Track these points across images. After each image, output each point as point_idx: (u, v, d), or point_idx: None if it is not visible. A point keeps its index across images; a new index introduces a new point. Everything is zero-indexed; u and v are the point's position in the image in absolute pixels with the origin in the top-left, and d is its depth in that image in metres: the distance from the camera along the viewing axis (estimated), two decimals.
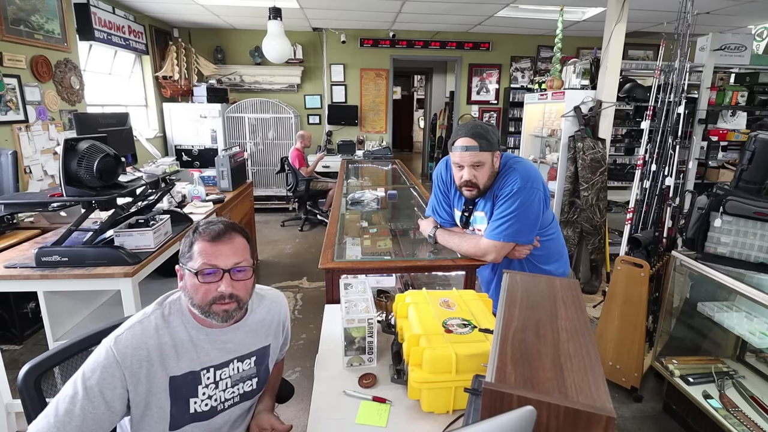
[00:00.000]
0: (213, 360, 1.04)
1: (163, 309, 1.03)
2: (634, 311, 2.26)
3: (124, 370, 0.92)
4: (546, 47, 6.61)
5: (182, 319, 1.03)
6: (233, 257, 1.00)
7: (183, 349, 1.00)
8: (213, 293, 0.98)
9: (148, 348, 0.96)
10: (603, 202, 3.40)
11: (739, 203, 1.92)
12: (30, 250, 1.96)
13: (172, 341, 1.00)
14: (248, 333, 1.11)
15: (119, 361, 0.92)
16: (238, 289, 1.01)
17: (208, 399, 1.03)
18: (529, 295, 0.91)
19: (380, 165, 5.21)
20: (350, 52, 6.39)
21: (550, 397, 0.61)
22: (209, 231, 1.00)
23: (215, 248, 0.98)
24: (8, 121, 3.05)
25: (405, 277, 1.98)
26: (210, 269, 0.98)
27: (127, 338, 0.95)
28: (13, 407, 1.95)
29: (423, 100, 11.14)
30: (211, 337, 1.04)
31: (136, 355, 0.94)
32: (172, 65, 5.61)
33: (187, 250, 1.01)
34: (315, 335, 2.82)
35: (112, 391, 0.91)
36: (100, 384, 0.90)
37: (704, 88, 3.62)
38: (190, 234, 1.02)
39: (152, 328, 0.99)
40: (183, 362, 1.00)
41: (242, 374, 1.09)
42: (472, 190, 1.55)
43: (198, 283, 0.97)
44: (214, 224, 1.02)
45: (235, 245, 1.01)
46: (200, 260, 0.98)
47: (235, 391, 1.08)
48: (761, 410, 1.90)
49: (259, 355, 1.13)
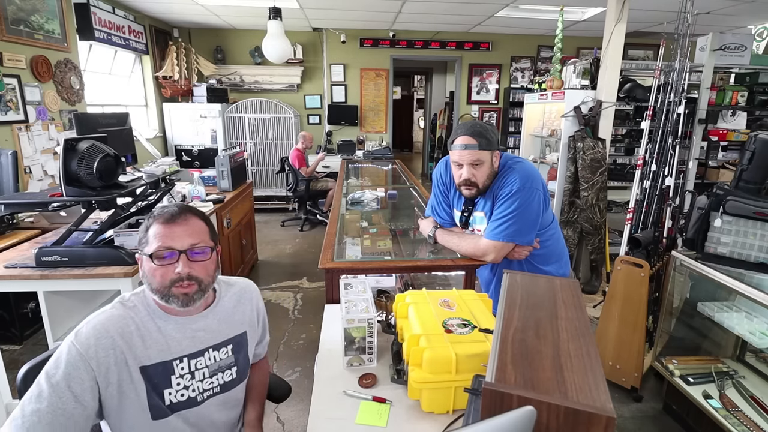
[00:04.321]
0: (185, 349, 1.02)
1: (125, 302, 1.02)
2: (634, 311, 2.26)
3: (90, 361, 0.90)
4: (546, 47, 6.61)
5: (147, 310, 1.01)
6: (189, 238, 0.99)
7: (151, 339, 0.99)
8: (171, 275, 0.97)
9: (111, 336, 0.94)
10: (603, 202, 3.40)
11: (739, 203, 1.92)
12: (30, 250, 1.96)
13: (137, 330, 0.98)
14: (221, 321, 1.10)
15: (83, 353, 0.90)
16: (198, 271, 1.00)
17: (184, 389, 1.02)
18: (529, 295, 0.91)
19: (380, 165, 5.21)
20: (350, 52, 6.39)
21: (550, 397, 0.61)
22: (163, 214, 1.00)
23: (170, 230, 0.98)
24: (8, 121, 3.05)
25: (405, 277, 1.98)
26: (167, 252, 0.97)
27: (88, 330, 0.93)
28: (13, 407, 1.95)
29: (423, 100, 11.13)
30: (181, 325, 1.03)
31: (100, 345, 0.92)
32: (172, 65, 5.61)
33: (144, 236, 1.00)
34: (315, 335, 2.82)
35: (80, 385, 0.88)
36: (67, 379, 0.87)
37: (704, 88, 3.63)
38: (146, 220, 1.02)
39: (115, 317, 0.97)
40: (152, 352, 0.98)
41: (220, 363, 1.08)
42: (471, 188, 1.55)
43: (154, 266, 0.97)
44: (169, 207, 1.02)
45: (191, 226, 1.01)
46: (156, 243, 0.97)
47: (214, 381, 1.07)
48: (761, 410, 1.90)
49: (235, 343, 1.11)
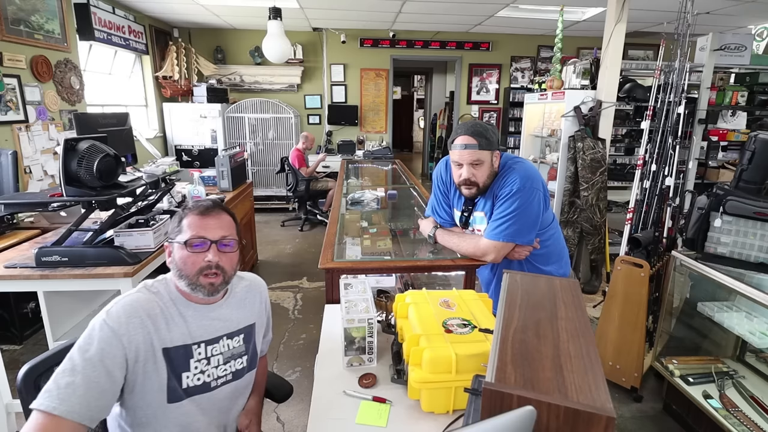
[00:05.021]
0: (203, 335, 1.07)
1: (149, 288, 1.07)
2: (634, 311, 2.26)
3: (122, 337, 0.94)
4: (546, 47, 6.61)
5: (170, 296, 1.07)
6: (220, 230, 1.06)
7: (173, 323, 1.03)
8: (201, 263, 1.03)
9: (140, 316, 0.99)
10: (603, 202, 3.40)
11: (739, 203, 1.92)
12: (30, 250, 1.96)
13: (162, 313, 1.03)
14: (233, 311, 1.15)
15: (115, 329, 0.94)
16: (225, 262, 1.06)
17: (200, 374, 1.06)
18: (529, 295, 0.91)
19: (380, 165, 5.21)
20: (350, 52, 6.39)
21: (550, 397, 0.61)
22: (198, 207, 1.08)
23: (204, 221, 1.05)
24: (8, 121, 3.05)
25: (405, 277, 1.98)
26: (199, 241, 1.04)
27: (118, 309, 0.97)
28: (13, 407, 1.95)
29: (423, 100, 11.13)
30: (201, 313, 1.08)
31: (131, 323, 0.97)
32: (172, 65, 5.61)
33: (177, 225, 1.07)
34: (315, 335, 2.82)
35: (113, 360, 0.92)
36: (100, 354, 0.91)
37: (704, 88, 3.62)
38: (180, 212, 1.09)
39: (142, 299, 1.02)
40: (174, 335, 1.03)
41: (233, 351, 1.13)
42: (471, 188, 1.54)
43: (187, 253, 1.03)
44: (203, 201, 1.12)
45: (222, 220, 1.08)
46: (189, 232, 1.04)
47: (227, 368, 1.11)
48: (761, 410, 1.90)
49: (246, 332, 1.17)
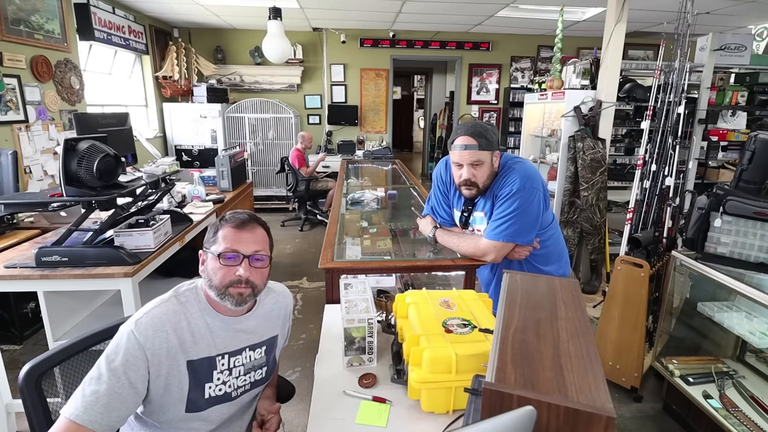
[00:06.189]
0: (228, 347, 1.09)
1: (179, 297, 1.08)
2: (634, 311, 2.26)
3: (146, 351, 0.96)
4: (546, 47, 6.61)
5: (198, 306, 1.08)
6: (253, 245, 1.07)
7: (199, 335, 1.05)
8: (231, 276, 1.04)
9: (167, 331, 1.00)
10: (603, 202, 3.40)
11: (739, 203, 1.92)
12: (30, 250, 1.96)
13: (189, 326, 1.04)
14: (259, 323, 1.16)
15: (141, 342, 0.96)
16: (255, 276, 1.07)
17: (222, 384, 1.09)
18: (529, 295, 0.91)
19: (380, 165, 5.21)
20: (350, 52, 6.39)
21: (550, 397, 0.61)
22: (235, 219, 1.09)
23: (238, 235, 1.06)
24: (8, 121, 3.05)
25: (405, 277, 1.98)
26: (232, 254, 1.05)
27: (147, 321, 0.99)
28: (13, 407, 1.96)
29: (423, 100, 11.13)
30: (227, 324, 1.09)
31: (157, 337, 0.98)
32: (172, 65, 5.61)
33: (212, 236, 1.08)
34: (315, 335, 2.82)
35: (136, 372, 0.95)
36: (125, 365, 0.93)
37: (704, 88, 3.62)
38: (217, 222, 1.10)
39: (171, 312, 1.03)
40: (200, 347, 1.05)
41: (254, 363, 1.15)
42: (471, 188, 1.55)
43: (219, 265, 1.05)
44: (240, 214, 1.10)
45: (256, 235, 1.09)
46: (224, 245, 1.05)
47: (247, 379, 1.14)
48: (761, 410, 1.90)
49: (268, 345, 1.18)
